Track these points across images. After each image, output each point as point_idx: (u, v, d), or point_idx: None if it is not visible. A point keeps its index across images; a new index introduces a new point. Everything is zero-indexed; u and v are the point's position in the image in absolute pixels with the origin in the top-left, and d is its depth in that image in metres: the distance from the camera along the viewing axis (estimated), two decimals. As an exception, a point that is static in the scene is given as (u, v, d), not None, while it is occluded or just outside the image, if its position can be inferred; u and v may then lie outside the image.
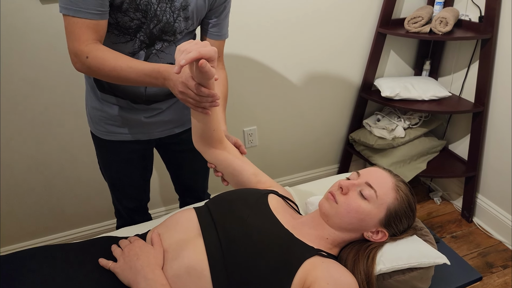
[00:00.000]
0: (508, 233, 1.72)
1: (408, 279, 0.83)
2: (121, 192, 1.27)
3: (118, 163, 1.19)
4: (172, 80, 0.82)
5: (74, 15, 0.84)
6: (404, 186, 0.85)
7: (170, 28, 0.96)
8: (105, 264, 0.74)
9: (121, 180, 1.23)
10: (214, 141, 0.97)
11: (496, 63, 1.63)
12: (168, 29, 0.96)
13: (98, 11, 0.85)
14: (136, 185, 1.27)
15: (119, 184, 1.24)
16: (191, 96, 0.80)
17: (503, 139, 1.68)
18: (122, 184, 1.24)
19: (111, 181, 1.24)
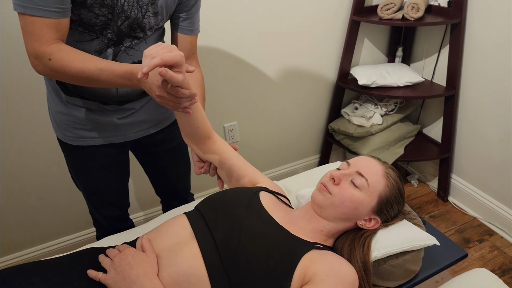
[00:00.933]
0: (482, 209, 1.82)
1: (401, 262, 0.85)
2: (100, 200, 1.20)
3: (93, 169, 1.11)
4: (148, 84, 0.78)
5: (32, 13, 0.76)
6: (393, 172, 0.87)
7: (139, 24, 0.91)
8: (94, 276, 0.71)
9: (98, 188, 1.16)
10: (201, 138, 0.96)
11: (466, 47, 1.69)
12: (137, 26, 0.91)
13: (58, 9, 0.79)
14: (115, 192, 1.20)
15: (97, 192, 1.17)
16: (169, 99, 0.77)
17: (474, 121, 1.76)
18: (100, 192, 1.17)
19: (87, 190, 1.17)
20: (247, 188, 0.91)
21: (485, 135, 1.72)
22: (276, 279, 0.69)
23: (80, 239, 1.73)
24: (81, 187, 1.18)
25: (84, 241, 1.73)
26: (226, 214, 0.79)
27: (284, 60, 1.78)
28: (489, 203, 1.77)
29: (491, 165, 1.73)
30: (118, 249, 0.75)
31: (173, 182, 1.32)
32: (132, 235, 1.04)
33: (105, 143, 1.07)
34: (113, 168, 1.15)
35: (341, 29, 1.83)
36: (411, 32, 1.94)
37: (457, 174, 1.93)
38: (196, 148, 0.99)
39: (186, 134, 0.97)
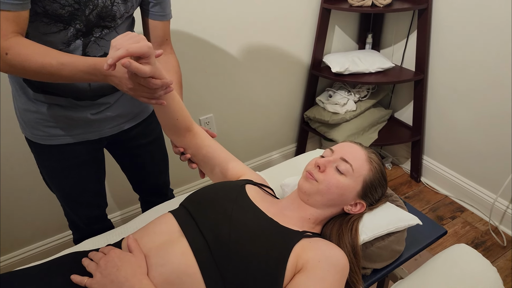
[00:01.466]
0: (452, 187, 1.90)
1: (387, 244, 0.87)
2: (76, 201, 1.14)
3: (67, 169, 1.06)
4: (116, 77, 0.75)
5: None
6: (375, 156, 0.89)
7: (108, 12, 0.86)
8: (79, 281, 0.67)
9: (74, 188, 1.10)
10: (181, 130, 0.93)
11: (433, 32, 1.74)
12: (106, 14, 0.86)
13: (17, 1, 0.73)
14: (92, 191, 1.15)
15: (73, 193, 1.11)
16: (142, 91, 0.74)
17: (443, 104, 1.82)
18: (76, 192, 1.11)
19: (62, 191, 1.11)
20: (232, 182, 0.89)
21: (453, 117, 1.79)
22: (270, 271, 0.69)
23: (55, 243, 1.65)
24: (55, 189, 1.12)
25: (60, 245, 1.65)
26: (213, 210, 0.77)
27: (258, 50, 1.76)
28: (459, 181, 1.86)
29: (459, 145, 1.81)
30: (103, 252, 0.72)
31: (152, 177, 1.28)
32: (114, 236, 1.00)
33: (79, 140, 1.02)
34: (89, 167, 1.10)
35: (312, 17, 1.84)
36: (380, 18, 1.98)
37: (428, 155, 2.00)
38: (177, 142, 0.96)
39: (165, 128, 0.94)
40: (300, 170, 1.17)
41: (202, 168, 0.99)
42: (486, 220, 1.76)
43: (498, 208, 1.70)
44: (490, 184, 1.73)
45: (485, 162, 1.72)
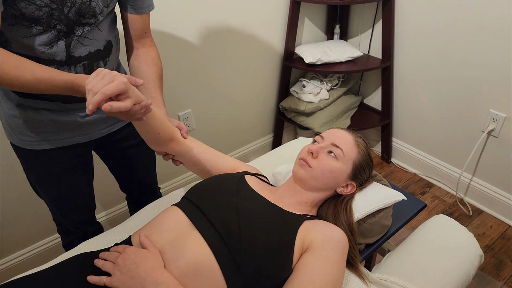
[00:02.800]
0: (421, 165, 2.05)
1: (378, 219, 0.95)
2: (67, 206, 1.12)
3: (57, 174, 1.04)
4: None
5: None
6: (361, 140, 0.95)
7: (87, 9, 0.84)
8: (97, 281, 0.68)
9: (65, 192, 1.08)
10: (165, 141, 0.94)
11: (396, 22, 1.85)
12: (85, 11, 0.84)
13: None
14: (83, 195, 1.14)
15: (64, 197, 1.09)
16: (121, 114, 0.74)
17: (408, 88, 1.95)
18: (67, 196, 1.10)
19: (52, 196, 1.09)
20: (231, 174, 0.93)
21: (419, 100, 1.92)
22: (280, 254, 0.73)
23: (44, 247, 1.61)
24: (45, 194, 1.09)
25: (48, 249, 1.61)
26: (219, 201, 0.80)
27: (232, 45, 1.78)
28: (427, 159, 2.01)
29: (425, 126, 1.95)
30: (117, 251, 0.73)
31: (141, 177, 1.28)
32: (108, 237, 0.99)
33: (69, 144, 1.00)
34: (79, 170, 1.08)
35: (283, 10, 1.88)
36: (346, 10, 2.06)
37: (397, 137, 2.14)
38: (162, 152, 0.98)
39: (149, 142, 0.95)
40: (286, 158, 1.22)
41: (191, 169, 1.02)
42: (453, 193, 1.92)
43: (463, 181, 1.86)
44: (455, 160, 1.88)
45: (449, 140, 1.86)
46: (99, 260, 0.72)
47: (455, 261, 0.91)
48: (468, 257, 0.93)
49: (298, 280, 0.70)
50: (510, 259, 1.58)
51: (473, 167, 1.81)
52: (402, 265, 0.90)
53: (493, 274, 1.52)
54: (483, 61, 1.59)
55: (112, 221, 1.76)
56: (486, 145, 1.72)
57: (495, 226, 1.74)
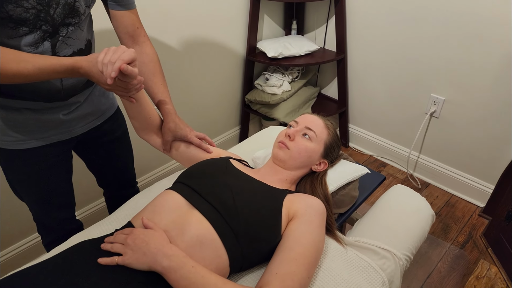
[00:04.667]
0: (375, 147, 2.26)
1: (348, 191, 1.09)
2: (50, 204, 1.13)
3: (40, 172, 1.04)
4: (95, 78, 0.81)
5: None
6: (330, 123, 1.08)
7: (71, 9, 0.87)
8: (109, 261, 0.73)
9: (47, 190, 1.09)
10: (154, 128, 1.03)
11: (348, 17, 2.02)
12: (69, 11, 0.87)
13: None
14: (64, 192, 1.15)
15: (47, 195, 1.10)
16: (119, 88, 0.82)
17: (362, 78, 2.14)
18: (50, 194, 1.10)
19: (35, 195, 1.09)
20: (217, 158, 1.01)
21: (371, 88, 2.12)
22: (270, 222, 0.83)
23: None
24: (27, 194, 1.09)
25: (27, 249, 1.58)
26: (212, 181, 0.89)
27: (195, 42, 1.84)
28: (380, 142, 2.22)
29: (377, 111, 2.15)
30: (123, 233, 0.78)
31: (120, 171, 1.31)
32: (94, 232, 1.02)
33: (51, 142, 1.02)
34: (60, 167, 1.10)
35: (244, 6, 1.97)
36: (302, 6, 2.20)
37: (353, 123, 2.33)
38: (150, 140, 1.06)
39: (141, 129, 1.03)
40: (261, 145, 1.33)
41: (178, 159, 1.10)
42: (404, 170, 2.14)
43: (412, 159, 2.09)
44: (404, 141, 2.10)
45: (398, 123, 2.08)
46: (106, 243, 0.77)
47: (413, 221, 1.07)
48: (423, 217, 1.09)
49: (288, 243, 0.81)
50: (454, 222, 1.82)
51: (419, 146, 2.04)
52: (370, 228, 1.05)
53: (442, 237, 1.75)
54: (424, 52, 1.81)
55: (89, 217, 1.76)
56: (429, 125, 1.95)
57: (440, 196, 1.98)
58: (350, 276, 0.87)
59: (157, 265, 0.71)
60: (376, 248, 0.96)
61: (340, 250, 0.94)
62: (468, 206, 1.92)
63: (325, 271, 0.86)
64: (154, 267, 0.71)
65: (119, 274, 0.71)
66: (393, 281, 0.93)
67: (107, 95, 1.15)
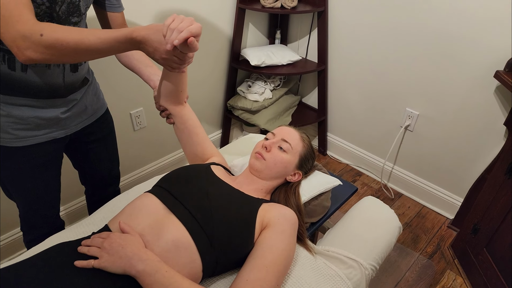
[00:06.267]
0: (352, 156, 2.33)
1: (320, 202, 1.13)
2: (41, 201, 1.14)
3: (34, 169, 1.05)
4: (152, 47, 0.83)
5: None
6: (305, 136, 1.13)
7: (75, 8, 0.91)
8: (85, 264, 0.74)
9: (39, 188, 1.10)
10: (180, 101, 1.08)
11: (330, 30, 2.08)
12: (73, 9, 0.90)
13: None
14: (54, 190, 1.16)
15: (39, 192, 1.11)
16: (174, 61, 0.86)
17: (341, 89, 2.20)
18: (42, 192, 1.12)
19: (27, 192, 1.10)
20: (198, 164, 1.04)
21: (349, 99, 2.19)
22: (244, 229, 0.86)
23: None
24: (17, 191, 1.09)
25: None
26: (190, 187, 0.91)
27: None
28: (357, 151, 2.29)
29: (355, 122, 2.22)
30: (100, 236, 0.80)
31: (106, 170, 1.33)
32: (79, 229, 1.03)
33: (48, 140, 1.04)
34: (53, 165, 1.11)
35: (230, 16, 2.01)
36: (286, 18, 2.25)
37: (331, 132, 2.39)
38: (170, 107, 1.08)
39: (166, 97, 1.06)
40: (239, 153, 1.36)
41: (180, 134, 1.12)
42: (378, 180, 2.22)
43: (386, 169, 2.17)
44: (379, 152, 2.18)
45: (375, 134, 2.15)
46: (83, 247, 0.79)
47: (381, 232, 1.12)
48: (391, 228, 1.15)
49: (260, 251, 0.84)
50: (424, 233, 1.90)
51: (394, 157, 2.12)
52: (340, 238, 1.09)
53: (411, 246, 1.82)
54: (400, 67, 1.89)
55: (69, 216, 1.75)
56: (404, 138, 2.03)
57: (412, 206, 2.06)
58: (318, 284, 0.91)
59: (132, 269, 0.72)
60: (343, 258, 1.01)
61: (310, 259, 0.98)
62: (438, 217, 2.00)
63: (294, 279, 0.90)
64: (129, 271, 0.73)
65: (95, 277, 0.73)
66: (358, 290, 0.98)
67: (98, 95, 1.18)
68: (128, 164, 1.93)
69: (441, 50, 1.71)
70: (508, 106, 1.60)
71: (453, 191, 1.95)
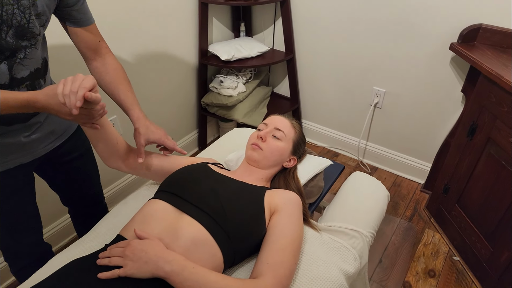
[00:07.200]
0: (327, 139, 2.43)
1: (316, 182, 1.20)
2: (16, 230, 1.09)
3: (4, 197, 1.01)
4: (54, 110, 0.81)
5: None
6: (296, 122, 1.19)
7: (25, 31, 0.85)
8: (110, 275, 0.75)
9: (12, 217, 1.05)
10: (123, 152, 1.05)
11: (294, 18, 2.15)
12: (23, 33, 0.85)
13: None
14: (31, 215, 1.11)
15: (13, 220, 1.06)
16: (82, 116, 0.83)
17: (310, 75, 2.29)
18: (15, 220, 1.07)
19: (1, 222, 1.04)
20: (194, 165, 1.06)
21: (319, 85, 2.28)
22: (256, 217, 0.91)
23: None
24: None
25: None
26: (195, 186, 0.94)
27: (147, 51, 1.83)
28: (331, 134, 2.39)
29: (327, 106, 2.32)
30: (118, 246, 0.81)
31: (86, 188, 1.29)
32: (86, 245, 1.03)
33: (14, 166, 0.99)
34: (25, 190, 1.07)
35: (193, 11, 2.00)
36: (248, 9, 2.29)
37: (306, 119, 2.48)
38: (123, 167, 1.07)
39: (108, 157, 1.04)
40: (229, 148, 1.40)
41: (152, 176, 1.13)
42: (355, 158, 2.34)
43: (361, 147, 2.30)
44: (353, 131, 2.30)
45: (347, 115, 2.27)
46: (102, 259, 0.79)
47: (373, 202, 1.22)
48: (380, 197, 1.25)
49: (274, 236, 0.89)
50: (401, 199, 2.05)
51: (366, 134, 2.25)
52: (338, 213, 1.17)
53: (392, 213, 1.96)
54: (365, 48, 2.00)
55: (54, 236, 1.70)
56: (374, 115, 2.16)
57: (388, 177, 2.21)
58: (328, 257, 0.98)
59: (159, 271, 0.75)
60: (345, 230, 1.09)
61: (316, 236, 1.05)
62: (411, 184, 2.16)
63: (307, 256, 0.96)
64: (157, 274, 0.75)
65: (125, 284, 0.74)
66: (362, 256, 1.06)
67: None
68: (110, 175, 1.89)
69: (400, 29, 1.83)
70: (463, 74, 1.76)
71: (422, 158, 2.12)
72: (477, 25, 1.59)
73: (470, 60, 1.50)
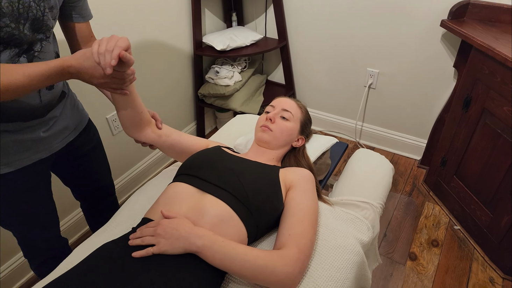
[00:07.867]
0: (324, 123, 2.48)
1: (324, 160, 1.24)
2: (35, 225, 1.10)
3: (24, 194, 1.02)
4: (88, 74, 0.83)
5: None
6: (301, 103, 1.22)
7: (40, 24, 0.87)
8: (144, 253, 0.77)
9: (34, 211, 1.07)
10: (145, 123, 1.07)
11: (285, 5, 2.17)
12: (39, 26, 0.87)
13: None
14: (48, 211, 1.13)
15: (30, 218, 1.07)
16: (113, 82, 0.86)
17: (304, 61, 2.32)
18: (34, 216, 1.08)
19: (21, 218, 1.05)
20: (208, 148, 1.09)
21: (313, 70, 2.31)
22: (274, 193, 0.94)
23: None
24: (10, 219, 1.05)
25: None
26: (213, 167, 0.97)
27: (142, 45, 1.83)
28: (328, 117, 2.44)
29: (322, 90, 2.36)
30: (149, 226, 0.83)
31: (99, 181, 1.31)
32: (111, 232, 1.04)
33: (32, 162, 1.00)
34: (43, 186, 1.08)
35: (185, 5, 2.01)
36: (240, -1, 2.30)
37: (301, 104, 2.51)
38: (140, 136, 1.08)
39: (130, 125, 1.05)
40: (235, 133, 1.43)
41: (167, 153, 1.14)
42: (352, 139, 2.40)
43: (358, 128, 2.35)
44: (349, 113, 2.35)
45: (342, 98, 2.31)
46: (135, 239, 0.82)
47: (379, 175, 1.26)
48: (386, 170, 1.29)
49: (292, 209, 0.93)
50: (400, 176, 2.12)
51: (362, 116, 2.30)
52: (348, 187, 1.21)
53: (392, 190, 2.02)
54: (357, 30, 2.03)
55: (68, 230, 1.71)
56: (368, 96, 2.21)
57: (385, 156, 2.26)
58: (343, 227, 1.03)
59: (192, 246, 0.78)
60: (357, 202, 1.13)
61: (330, 209, 1.09)
62: (408, 160, 2.23)
63: (324, 227, 1.01)
64: (189, 249, 0.78)
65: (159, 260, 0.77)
66: (374, 226, 1.11)
67: (77, 106, 1.15)
68: (115, 168, 1.90)
69: (391, 9, 1.87)
70: (454, 50, 1.82)
71: (417, 135, 2.18)
72: (466, 1, 1.65)
73: (462, 35, 1.55)
